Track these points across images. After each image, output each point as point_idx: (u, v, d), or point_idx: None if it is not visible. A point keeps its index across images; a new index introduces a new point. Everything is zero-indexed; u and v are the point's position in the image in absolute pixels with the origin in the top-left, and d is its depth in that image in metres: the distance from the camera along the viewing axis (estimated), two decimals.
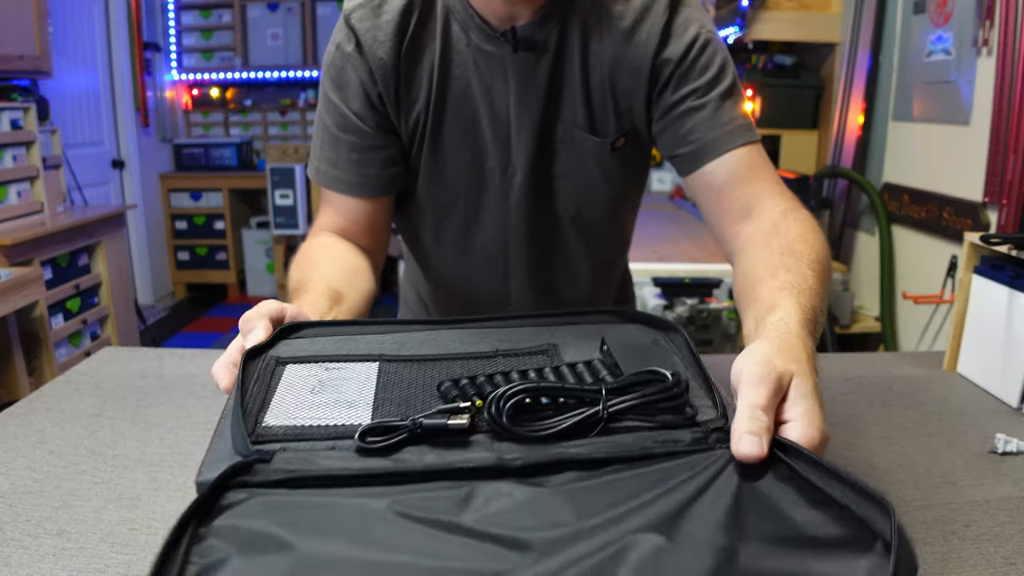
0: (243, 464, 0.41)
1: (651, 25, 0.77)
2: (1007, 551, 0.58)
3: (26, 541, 0.58)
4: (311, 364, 0.54)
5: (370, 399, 0.49)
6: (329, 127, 0.84)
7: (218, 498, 0.39)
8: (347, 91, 0.81)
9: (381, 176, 0.84)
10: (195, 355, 1.00)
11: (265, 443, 0.44)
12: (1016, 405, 0.83)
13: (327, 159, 0.85)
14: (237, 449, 0.43)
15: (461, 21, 0.79)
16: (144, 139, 4.18)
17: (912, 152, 2.32)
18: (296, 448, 0.43)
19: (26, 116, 2.57)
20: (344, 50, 0.80)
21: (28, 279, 2.22)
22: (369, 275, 0.84)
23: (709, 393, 0.50)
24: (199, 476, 0.41)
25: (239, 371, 0.51)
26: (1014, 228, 1.77)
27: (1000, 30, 1.83)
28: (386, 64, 0.79)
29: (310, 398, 0.49)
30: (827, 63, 2.73)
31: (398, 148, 0.85)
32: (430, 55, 0.80)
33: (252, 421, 0.46)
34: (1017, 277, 0.83)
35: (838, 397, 0.87)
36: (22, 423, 0.79)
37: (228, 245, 4.36)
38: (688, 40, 0.77)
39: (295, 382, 0.52)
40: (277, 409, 0.48)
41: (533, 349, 0.57)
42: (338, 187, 0.85)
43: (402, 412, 0.47)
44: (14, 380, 2.25)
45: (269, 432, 0.45)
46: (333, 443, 0.44)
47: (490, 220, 0.87)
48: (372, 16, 0.79)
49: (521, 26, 0.77)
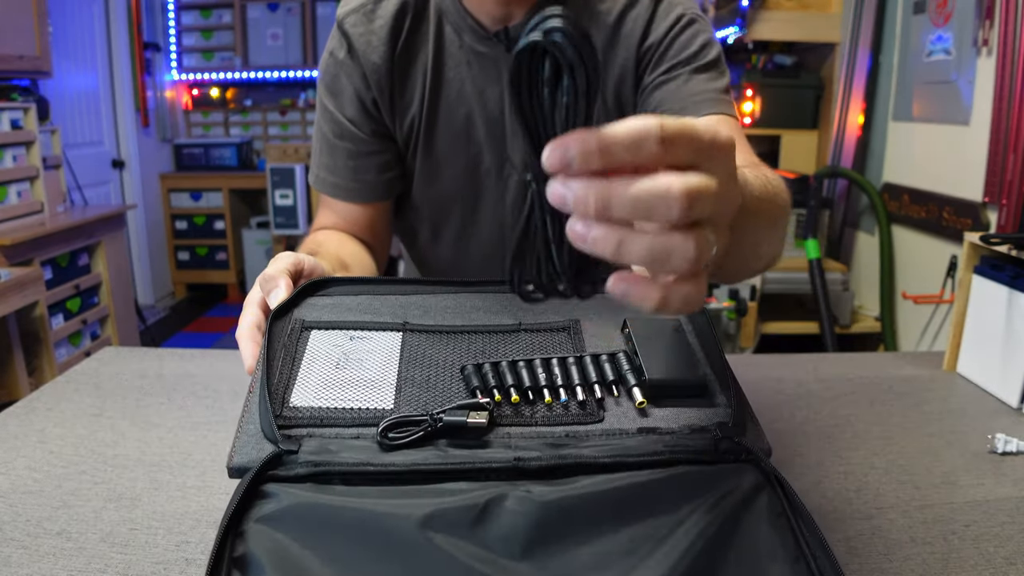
0: (274, 456, 0.43)
1: (636, 15, 0.77)
2: (1007, 551, 0.58)
3: (26, 541, 0.58)
4: (335, 331, 0.55)
5: (393, 379, 0.50)
6: (326, 134, 0.84)
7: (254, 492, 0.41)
8: (341, 98, 0.82)
9: (378, 181, 0.85)
10: (195, 355, 1.00)
11: (292, 427, 0.45)
12: (1016, 405, 0.83)
13: (325, 165, 0.85)
14: (265, 433, 0.45)
15: (454, 23, 0.79)
16: (144, 139, 4.18)
17: (912, 152, 2.32)
18: (321, 434, 0.45)
19: (26, 116, 2.57)
20: (337, 57, 0.80)
21: (28, 279, 2.22)
22: (372, 263, 0.84)
23: (725, 390, 0.50)
24: (230, 461, 0.43)
25: (265, 337, 0.52)
26: (1014, 228, 1.78)
27: (1000, 30, 1.83)
28: (380, 69, 0.79)
29: (334, 374, 0.50)
30: (827, 63, 2.73)
31: (394, 153, 0.85)
32: (424, 58, 0.80)
33: (279, 401, 0.47)
34: (1017, 277, 0.83)
35: (838, 397, 0.87)
36: (22, 423, 0.79)
37: (228, 245, 4.35)
38: (670, 22, 0.77)
39: (320, 352, 0.52)
40: (303, 386, 0.49)
41: (556, 325, 0.56)
42: (336, 193, 0.85)
43: (423, 395, 0.48)
44: (14, 380, 2.25)
45: (296, 415, 0.46)
46: (357, 431, 0.45)
47: (487, 221, 0.88)
48: (365, 21, 0.79)
49: (514, 26, 0.77)
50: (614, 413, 0.48)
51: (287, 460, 0.43)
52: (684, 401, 0.48)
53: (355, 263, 0.79)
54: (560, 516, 0.40)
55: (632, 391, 0.48)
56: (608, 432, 0.46)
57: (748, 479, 0.42)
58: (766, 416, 0.82)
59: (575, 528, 0.40)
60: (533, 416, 0.47)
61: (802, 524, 0.41)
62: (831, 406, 0.84)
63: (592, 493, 0.41)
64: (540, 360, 0.50)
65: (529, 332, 0.56)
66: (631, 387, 0.49)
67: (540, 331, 0.56)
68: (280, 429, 0.45)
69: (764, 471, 0.43)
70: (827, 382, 0.91)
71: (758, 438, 0.47)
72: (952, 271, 2.05)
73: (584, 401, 0.48)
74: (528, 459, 0.43)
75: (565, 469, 0.43)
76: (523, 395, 0.48)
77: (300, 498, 0.41)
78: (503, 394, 0.48)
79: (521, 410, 0.47)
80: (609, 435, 0.46)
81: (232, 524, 0.39)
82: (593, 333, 0.56)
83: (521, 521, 0.40)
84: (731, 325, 2.40)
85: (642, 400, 0.48)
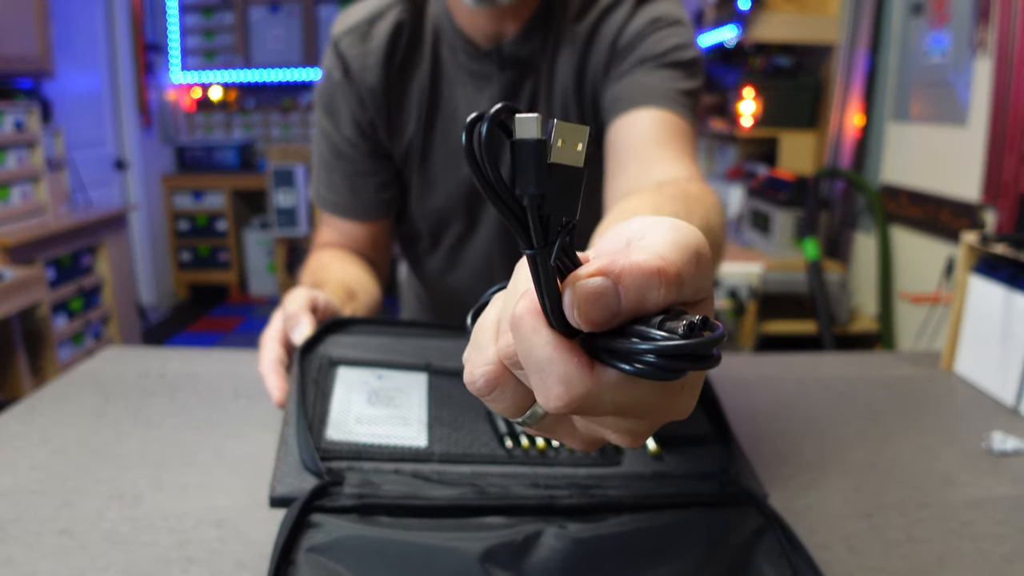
0: (320, 487, 0.45)
1: (614, 19, 0.76)
2: (1005, 549, 0.58)
3: (29, 540, 0.58)
4: (363, 368, 0.57)
5: (424, 418, 0.53)
6: (324, 152, 0.85)
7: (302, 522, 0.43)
8: (338, 118, 0.82)
9: (376, 200, 0.85)
10: (197, 355, 1.00)
11: (331, 459, 0.48)
12: (1013, 404, 0.83)
13: (324, 183, 0.86)
14: (307, 465, 0.47)
15: (449, 41, 0.79)
16: (146, 140, 4.18)
17: (910, 153, 2.32)
18: (361, 468, 0.47)
19: (29, 117, 2.58)
20: (333, 78, 0.81)
21: (31, 279, 2.23)
22: (375, 282, 0.85)
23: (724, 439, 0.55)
24: (273, 491, 0.45)
25: (295, 368, 0.54)
26: (1011, 228, 1.78)
27: (997, 31, 1.83)
28: (376, 89, 0.79)
29: (368, 411, 0.53)
30: (825, 64, 2.74)
31: (392, 171, 0.85)
32: (420, 77, 0.80)
33: (316, 433, 0.50)
34: (1014, 277, 0.84)
35: (836, 396, 0.87)
36: (25, 422, 0.79)
37: (230, 245, 4.36)
38: (646, 20, 0.74)
39: (350, 389, 0.55)
40: (338, 421, 0.52)
41: None
42: (336, 211, 0.86)
43: (454, 435, 0.52)
44: (17, 380, 2.25)
45: (334, 448, 0.49)
46: (395, 465, 0.48)
47: (482, 236, 0.88)
48: (360, 42, 0.79)
49: (507, 43, 0.77)
50: (630, 458, 0.52)
51: (332, 491, 0.45)
52: (690, 449, 0.53)
53: (361, 289, 0.79)
54: (594, 551, 0.43)
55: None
56: (626, 475, 0.50)
57: (752, 521, 0.47)
58: (765, 416, 0.83)
59: (607, 563, 0.43)
60: (557, 458, 0.51)
61: (800, 562, 0.44)
62: (829, 405, 0.85)
63: (620, 532, 0.45)
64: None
65: None
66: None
67: None
68: (321, 460, 0.47)
69: (765, 514, 0.47)
70: (825, 381, 0.92)
71: (755, 483, 0.51)
72: (950, 271, 2.05)
73: (604, 447, 0.52)
74: (560, 497, 0.46)
75: (594, 508, 0.46)
76: (548, 440, 0.52)
77: (348, 529, 0.42)
78: (529, 438, 0.52)
79: (546, 454, 0.51)
80: (627, 478, 0.50)
81: (284, 554, 0.40)
82: None
83: (559, 555, 0.43)
84: (730, 325, 2.40)
85: (656, 447, 0.53)
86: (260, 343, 0.62)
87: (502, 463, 0.50)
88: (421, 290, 1.04)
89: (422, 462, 0.49)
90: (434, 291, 1.00)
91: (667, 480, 0.49)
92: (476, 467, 0.49)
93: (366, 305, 0.78)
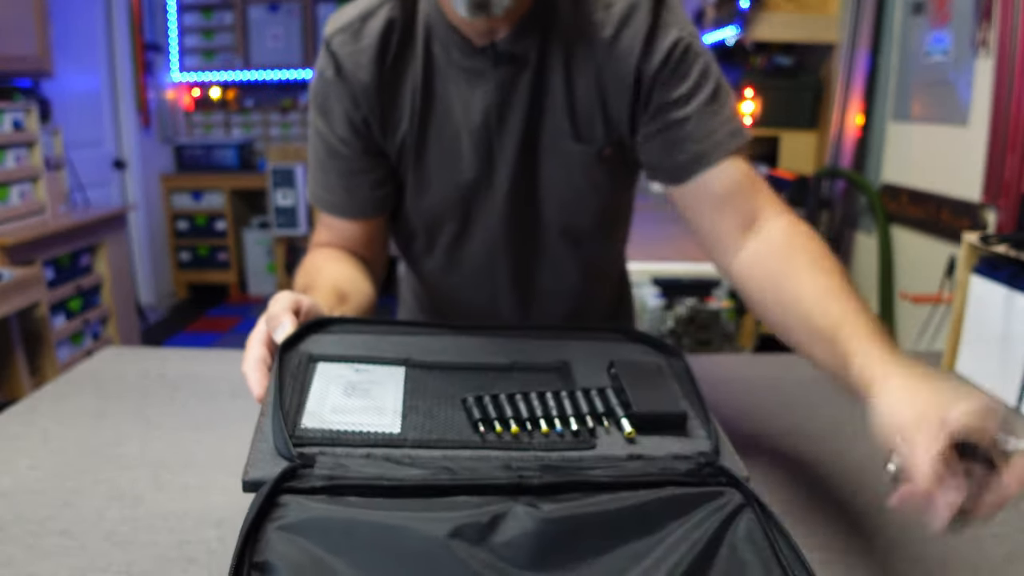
0: (291, 469, 0.45)
1: (633, 33, 0.76)
2: (1005, 549, 0.58)
3: (29, 540, 0.58)
4: (342, 363, 0.58)
5: (399, 407, 0.53)
6: (319, 152, 0.85)
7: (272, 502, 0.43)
8: (331, 117, 0.82)
9: (371, 198, 0.86)
10: (196, 355, 1.00)
11: (304, 446, 0.48)
12: (1014, 404, 0.83)
13: (320, 182, 0.87)
14: (280, 451, 0.47)
15: (442, 39, 0.79)
16: (145, 140, 4.18)
17: (911, 152, 2.32)
18: (334, 453, 0.47)
19: (28, 117, 2.58)
20: (326, 77, 0.81)
21: (30, 279, 2.23)
22: (370, 282, 0.85)
23: (706, 424, 0.54)
24: (246, 475, 0.45)
25: (276, 363, 0.55)
26: (1012, 228, 1.78)
27: (998, 30, 1.83)
28: (369, 87, 0.79)
29: (343, 401, 0.53)
30: (826, 64, 2.74)
31: (387, 169, 0.85)
32: (412, 75, 0.80)
33: (291, 423, 0.50)
34: (1015, 277, 0.84)
35: (836, 396, 0.87)
36: (24, 423, 0.79)
37: (229, 245, 4.36)
38: (668, 46, 0.76)
39: (328, 382, 0.55)
40: (313, 410, 0.52)
41: (547, 366, 0.61)
42: (332, 210, 0.87)
43: (427, 423, 0.52)
44: (16, 380, 2.25)
45: (307, 435, 0.49)
46: (367, 450, 0.48)
47: (478, 233, 0.88)
48: (352, 40, 0.79)
49: (501, 40, 0.77)
50: (605, 442, 0.52)
51: (302, 474, 0.45)
52: (668, 432, 0.53)
53: (353, 290, 0.80)
54: (564, 530, 0.43)
55: (621, 422, 0.53)
56: (601, 458, 0.50)
57: (731, 500, 0.46)
58: (765, 415, 0.83)
59: (578, 542, 0.43)
60: (531, 443, 0.51)
61: (780, 540, 0.44)
62: (829, 405, 0.85)
63: (594, 512, 0.44)
64: (536, 393, 0.54)
65: (523, 371, 0.60)
66: (620, 418, 0.53)
67: (533, 370, 0.61)
68: (295, 447, 0.47)
69: (745, 493, 0.47)
70: (825, 381, 0.91)
71: (736, 465, 0.51)
72: (951, 271, 2.05)
73: (578, 431, 0.52)
74: (530, 477, 0.46)
75: (565, 487, 0.46)
76: (521, 425, 0.52)
77: (317, 509, 0.42)
78: (503, 424, 0.52)
79: (520, 438, 0.51)
80: (602, 460, 0.49)
81: (251, 532, 0.40)
82: (582, 372, 0.60)
83: (528, 533, 0.43)
84: (730, 325, 2.40)
85: (631, 430, 0.52)
86: (246, 345, 0.63)
87: (475, 447, 0.50)
88: (420, 290, 1.04)
89: (395, 447, 0.49)
90: (434, 291, 1.00)
91: (643, 461, 0.49)
92: (448, 451, 0.49)
93: (358, 306, 0.78)
